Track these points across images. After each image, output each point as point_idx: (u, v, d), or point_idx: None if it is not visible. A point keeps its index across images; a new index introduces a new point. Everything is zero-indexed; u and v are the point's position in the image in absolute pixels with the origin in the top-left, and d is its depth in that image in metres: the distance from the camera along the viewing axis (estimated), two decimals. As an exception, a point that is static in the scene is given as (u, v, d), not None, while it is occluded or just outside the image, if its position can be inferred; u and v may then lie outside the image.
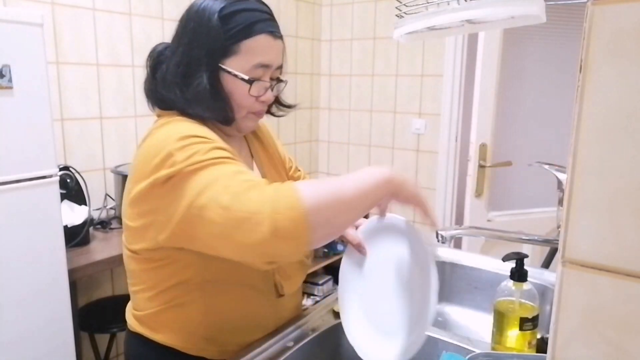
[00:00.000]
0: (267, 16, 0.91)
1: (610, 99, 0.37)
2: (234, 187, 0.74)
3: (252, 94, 0.90)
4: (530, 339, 0.90)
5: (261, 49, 0.89)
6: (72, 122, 2.10)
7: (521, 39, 2.45)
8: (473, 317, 1.31)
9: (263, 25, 0.88)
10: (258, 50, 0.89)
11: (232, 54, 0.88)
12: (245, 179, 0.75)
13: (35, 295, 1.49)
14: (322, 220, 0.72)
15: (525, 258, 0.93)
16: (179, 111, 0.91)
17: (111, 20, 2.19)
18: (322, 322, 1.06)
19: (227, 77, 0.89)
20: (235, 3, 0.88)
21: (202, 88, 0.88)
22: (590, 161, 0.38)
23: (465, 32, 0.92)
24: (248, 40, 0.87)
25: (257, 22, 0.88)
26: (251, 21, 0.87)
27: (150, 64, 0.94)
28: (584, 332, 0.40)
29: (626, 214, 0.37)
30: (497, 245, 2.43)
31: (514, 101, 2.53)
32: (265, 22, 0.89)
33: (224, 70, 0.89)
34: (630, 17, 0.35)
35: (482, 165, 2.45)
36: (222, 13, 0.87)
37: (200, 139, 0.82)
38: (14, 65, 1.37)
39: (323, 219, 0.72)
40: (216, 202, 0.73)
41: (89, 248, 1.83)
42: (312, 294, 3.10)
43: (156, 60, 0.93)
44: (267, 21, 0.90)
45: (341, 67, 3.28)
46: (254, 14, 0.88)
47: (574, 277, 0.40)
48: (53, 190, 1.52)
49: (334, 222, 0.74)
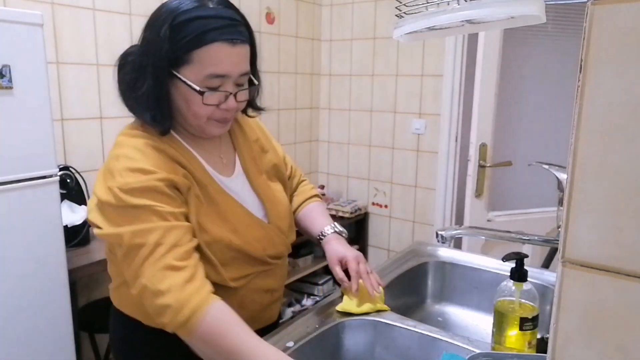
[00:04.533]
0: (225, 22, 0.87)
1: (610, 99, 0.37)
2: (154, 275, 0.84)
3: (207, 103, 0.90)
4: (530, 339, 0.90)
5: (214, 58, 0.87)
6: (72, 122, 2.10)
7: (521, 39, 2.45)
8: (473, 317, 1.31)
9: (217, 34, 0.86)
10: (210, 61, 0.87)
11: (184, 63, 0.88)
12: (164, 266, 0.84)
13: (35, 295, 1.49)
14: (200, 348, 0.85)
15: (525, 258, 0.93)
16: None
17: (111, 20, 2.18)
18: (322, 322, 1.06)
19: (181, 86, 0.89)
20: (191, 10, 0.86)
21: (143, 94, 0.89)
22: (590, 161, 0.38)
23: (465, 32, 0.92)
24: (198, 50, 0.86)
25: (210, 30, 0.86)
26: (202, 30, 0.85)
27: (117, 65, 0.95)
28: (584, 332, 0.40)
29: (626, 214, 0.37)
30: (497, 245, 2.43)
31: (514, 101, 2.53)
32: (220, 29, 0.86)
33: (178, 77, 0.89)
34: (630, 17, 0.35)
35: (482, 165, 2.45)
36: (174, 22, 0.86)
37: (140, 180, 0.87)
38: (14, 65, 1.37)
39: (201, 349, 0.85)
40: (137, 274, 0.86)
41: (89, 248, 1.83)
42: (312, 294, 3.10)
43: (121, 62, 0.95)
44: (223, 28, 0.87)
45: (341, 67, 3.28)
46: (209, 21, 0.86)
47: (574, 277, 0.40)
48: (53, 190, 1.52)
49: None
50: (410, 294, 1.34)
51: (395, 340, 1.05)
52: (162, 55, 0.87)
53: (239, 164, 1.06)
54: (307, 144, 3.40)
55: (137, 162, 0.88)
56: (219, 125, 0.96)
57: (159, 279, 0.83)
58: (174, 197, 0.89)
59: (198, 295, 0.83)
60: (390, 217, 3.20)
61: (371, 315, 1.09)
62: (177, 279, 0.83)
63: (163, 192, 0.88)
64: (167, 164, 0.91)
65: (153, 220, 0.85)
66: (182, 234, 0.87)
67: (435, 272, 1.39)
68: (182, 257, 0.85)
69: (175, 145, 0.95)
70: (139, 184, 0.86)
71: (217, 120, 0.94)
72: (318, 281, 3.11)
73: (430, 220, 3.02)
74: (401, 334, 1.04)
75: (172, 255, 0.84)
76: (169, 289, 0.82)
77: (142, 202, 0.86)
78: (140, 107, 0.92)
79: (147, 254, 0.84)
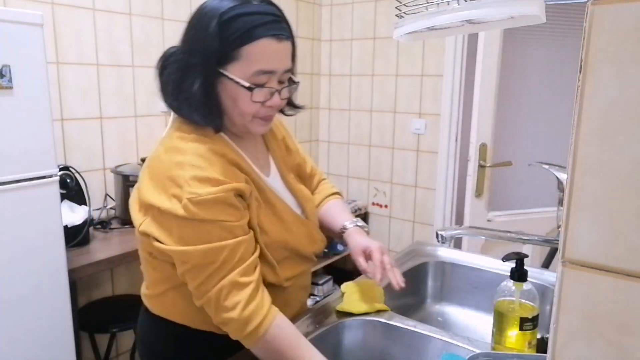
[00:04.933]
0: (270, 18, 0.88)
1: (610, 99, 0.37)
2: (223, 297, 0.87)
3: (255, 100, 0.90)
4: (530, 339, 0.90)
5: (262, 54, 0.87)
6: (72, 122, 2.10)
7: (521, 39, 2.45)
8: (473, 317, 1.31)
9: (264, 29, 0.86)
10: (258, 57, 0.87)
11: (232, 60, 0.87)
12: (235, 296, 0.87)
13: (35, 295, 1.49)
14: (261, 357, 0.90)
15: (525, 258, 0.93)
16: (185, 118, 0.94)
17: (111, 20, 2.18)
18: (323, 322, 1.06)
19: (229, 83, 0.89)
20: (236, 7, 0.86)
21: (192, 94, 0.89)
22: (590, 161, 0.38)
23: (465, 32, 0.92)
24: (247, 46, 0.86)
25: (257, 26, 0.86)
26: (251, 26, 0.85)
27: (159, 67, 0.95)
28: (584, 332, 0.40)
29: (626, 214, 0.37)
30: (497, 245, 2.43)
31: (514, 101, 2.53)
32: (267, 25, 0.87)
33: (225, 75, 0.88)
34: (630, 17, 0.35)
35: (482, 165, 2.45)
36: (222, 19, 0.86)
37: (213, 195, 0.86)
38: (14, 65, 1.37)
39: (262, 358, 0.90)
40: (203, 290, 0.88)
41: (89, 248, 1.83)
42: (312, 294, 3.09)
43: (164, 63, 0.94)
44: (269, 24, 0.87)
45: (341, 67, 3.28)
46: (255, 17, 0.86)
47: (574, 277, 0.40)
48: (53, 190, 1.52)
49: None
50: (410, 294, 1.34)
51: (395, 340, 1.05)
52: (211, 52, 0.87)
53: (273, 164, 1.06)
54: (307, 144, 3.40)
55: (204, 171, 0.86)
56: (263, 124, 0.95)
57: (224, 295, 0.86)
58: (240, 207, 0.89)
59: (261, 312, 0.87)
60: (390, 217, 3.20)
61: (371, 315, 1.09)
62: (242, 296, 0.86)
63: (231, 204, 0.87)
64: (230, 171, 0.90)
65: (223, 238, 0.86)
66: (247, 247, 0.89)
67: (435, 272, 1.39)
68: (247, 272, 0.88)
69: (229, 148, 0.94)
70: (209, 196, 0.84)
71: (262, 118, 0.94)
72: (318, 281, 3.11)
73: (430, 220, 3.02)
74: (401, 334, 1.04)
75: (238, 272, 0.87)
76: (234, 307, 0.86)
77: (212, 216, 0.85)
78: (190, 106, 0.90)
79: (214, 270, 0.86)
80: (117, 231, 2.02)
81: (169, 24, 2.40)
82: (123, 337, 2.32)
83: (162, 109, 2.36)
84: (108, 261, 1.75)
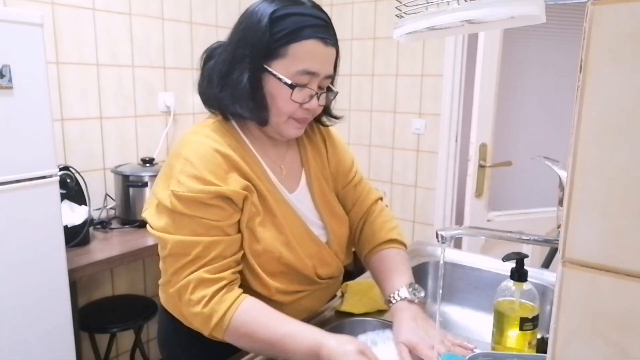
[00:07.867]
0: (320, 22, 0.89)
1: (610, 99, 0.37)
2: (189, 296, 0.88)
3: (294, 100, 0.90)
4: (530, 339, 0.90)
5: (308, 54, 0.88)
6: (72, 122, 2.10)
7: (521, 39, 2.45)
8: (473, 317, 1.31)
9: (312, 31, 0.88)
10: (304, 56, 0.88)
11: (278, 57, 0.88)
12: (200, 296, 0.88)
13: (35, 295, 1.49)
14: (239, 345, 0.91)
15: (525, 258, 0.93)
16: (222, 111, 0.95)
17: (111, 20, 2.18)
18: (323, 322, 1.06)
19: (271, 79, 0.90)
20: (288, 6, 0.88)
21: (241, 86, 0.89)
22: (590, 161, 0.38)
23: (465, 32, 0.92)
24: (295, 44, 0.87)
25: (307, 26, 0.87)
26: (301, 25, 0.87)
27: (203, 58, 0.96)
28: (584, 332, 0.40)
29: (626, 214, 0.37)
30: (497, 245, 2.43)
31: (514, 101, 2.53)
32: (316, 27, 0.88)
33: (269, 72, 0.89)
34: (630, 17, 0.35)
35: (482, 165, 2.45)
36: (274, 15, 0.87)
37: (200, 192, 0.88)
38: (14, 65, 1.37)
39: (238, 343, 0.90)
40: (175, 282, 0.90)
41: (89, 248, 1.83)
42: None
43: (208, 56, 0.95)
44: (318, 27, 0.89)
45: (341, 67, 3.26)
46: (306, 18, 0.88)
47: (574, 277, 0.40)
48: (53, 190, 1.52)
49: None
50: (410, 294, 1.34)
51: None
52: (260, 45, 0.87)
53: (304, 178, 1.04)
54: (307, 144, 3.40)
55: (196, 169, 0.88)
56: (297, 126, 0.96)
57: (191, 289, 0.87)
58: (226, 208, 0.90)
59: (225, 304, 0.87)
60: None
61: (371, 315, 1.09)
62: (208, 292, 0.87)
63: (212, 204, 0.88)
64: (226, 172, 0.90)
65: (199, 234, 0.88)
66: (224, 248, 0.89)
67: (435, 272, 1.39)
68: (218, 270, 0.88)
69: (242, 151, 0.94)
70: (189, 194, 0.87)
71: (297, 119, 0.94)
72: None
73: (430, 220, 3.02)
74: (401, 334, 1.03)
75: (209, 269, 0.87)
76: (199, 301, 0.87)
77: (191, 212, 0.87)
78: (235, 98, 0.91)
79: (186, 262, 0.88)
80: (117, 231, 2.02)
81: (169, 24, 2.40)
82: (123, 337, 2.32)
83: (162, 109, 2.37)
84: (108, 261, 1.75)
